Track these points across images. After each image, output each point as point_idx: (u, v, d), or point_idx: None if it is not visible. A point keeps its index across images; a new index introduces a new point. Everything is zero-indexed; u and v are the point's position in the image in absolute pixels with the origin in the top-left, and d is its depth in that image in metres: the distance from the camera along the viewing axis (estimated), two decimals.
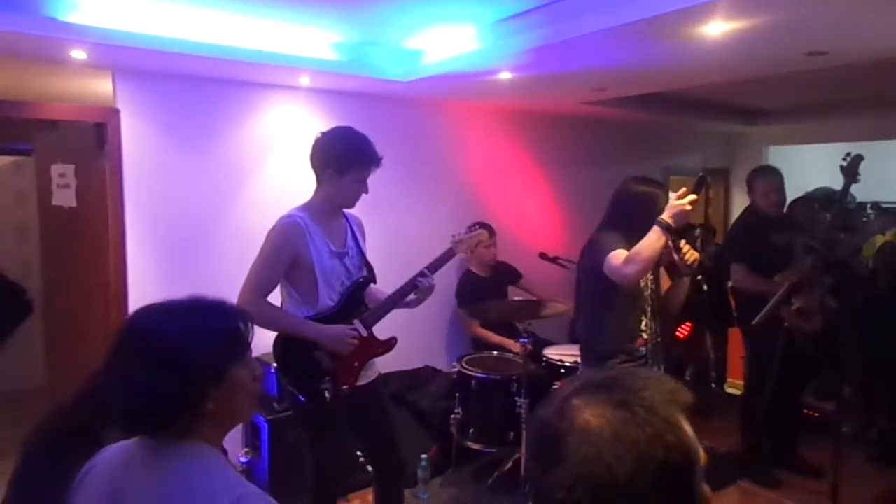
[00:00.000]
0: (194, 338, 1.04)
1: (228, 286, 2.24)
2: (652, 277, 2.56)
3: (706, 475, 0.78)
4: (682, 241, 2.41)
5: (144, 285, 3.21)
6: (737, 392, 4.91)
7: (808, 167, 5.14)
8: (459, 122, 4.43)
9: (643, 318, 2.54)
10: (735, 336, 4.84)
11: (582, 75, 3.35)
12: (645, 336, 2.53)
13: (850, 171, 3.09)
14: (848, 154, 3.10)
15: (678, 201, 2.31)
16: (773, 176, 3.58)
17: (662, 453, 0.71)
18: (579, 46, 2.69)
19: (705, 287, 2.64)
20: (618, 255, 2.34)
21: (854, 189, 4.10)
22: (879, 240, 4.46)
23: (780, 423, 3.64)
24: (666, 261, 2.50)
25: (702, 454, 0.77)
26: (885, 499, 3.37)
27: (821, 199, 4.03)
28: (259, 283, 2.25)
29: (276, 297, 2.38)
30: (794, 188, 4.42)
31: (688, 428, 0.76)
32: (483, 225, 3.73)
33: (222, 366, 1.06)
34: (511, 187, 4.73)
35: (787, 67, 3.11)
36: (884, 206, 4.57)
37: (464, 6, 2.74)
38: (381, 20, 2.95)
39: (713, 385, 4.84)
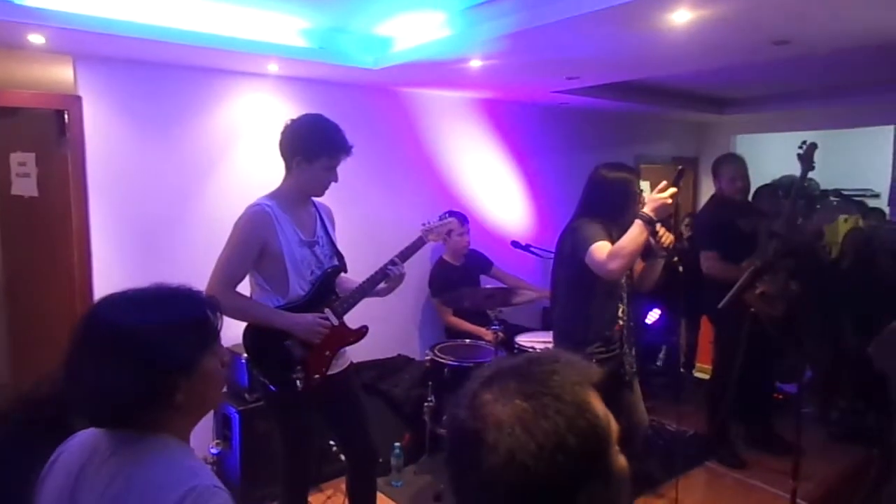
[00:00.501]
0: (163, 328, 1.01)
1: (197, 276, 2.18)
2: None
3: (675, 455, 0.78)
4: (658, 224, 2.46)
5: (110, 276, 3.15)
6: (705, 376, 5.02)
7: (774, 156, 5.24)
8: (430, 111, 4.41)
9: (620, 304, 2.58)
10: (706, 321, 4.95)
11: (553, 63, 3.36)
12: (621, 322, 2.57)
13: (807, 158, 3.17)
14: (804, 142, 3.18)
15: (659, 195, 2.33)
16: (738, 163, 3.65)
17: (575, 442, 0.72)
18: (549, 34, 2.70)
19: (681, 269, 2.67)
20: (601, 249, 2.36)
21: (819, 177, 4.20)
22: (843, 227, 4.59)
23: (750, 405, 3.73)
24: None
25: (614, 427, 0.78)
26: (846, 476, 3.48)
27: (785, 187, 4.11)
28: (227, 273, 2.22)
29: (245, 288, 2.35)
30: (761, 176, 4.52)
31: (598, 405, 0.77)
32: (453, 213, 3.74)
33: (192, 357, 1.03)
34: (483, 175, 4.74)
35: (752, 56, 3.16)
36: (845, 193, 4.68)
37: None
38: (350, 6, 2.91)
39: (682, 370, 4.93)
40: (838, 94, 4.76)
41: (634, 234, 2.29)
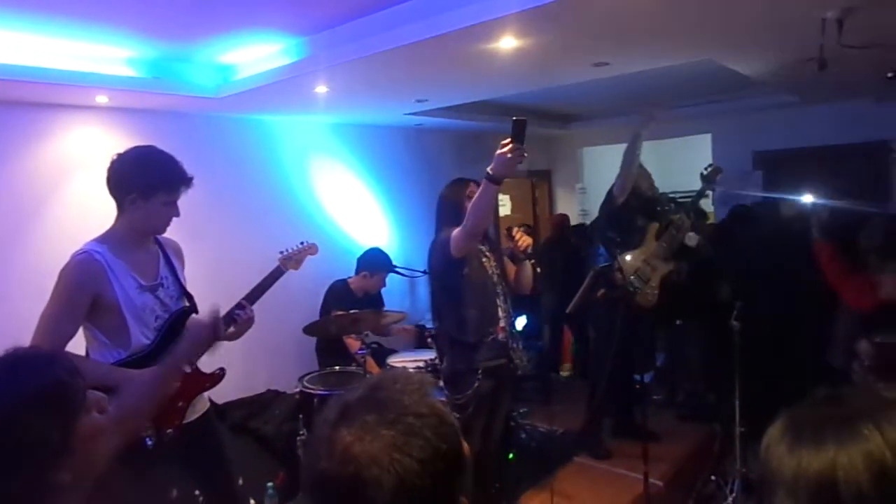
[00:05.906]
0: (9, 420, 0.84)
1: (23, 341, 1.99)
2: (496, 264, 2.74)
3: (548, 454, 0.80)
4: (515, 229, 2.63)
5: None
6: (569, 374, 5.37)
7: (615, 164, 5.65)
8: (283, 137, 4.33)
9: (498, 302, 2.68)
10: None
11: (398, 87, 3.44)
12: (502, 323, 2.67)
13: (709, 179, 3.73)
14: (710, 165, 3.78)
15: (498, 150, 2.30)
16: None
17: (446, 445, 0.76)
18: (386, 60, 2.76)
19: (538, 270, 2.77)
20: (457, 229, 2.51)
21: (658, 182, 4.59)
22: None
23: (616, 398, 3.97)
24: (508, 251, 2.73)
25: (466, 449, 0.82)
26: (693, 453, 3.83)
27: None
28: (53, 331, 1.99)
29: (79, 343, 2.16)
30: (605, 184, 4.88)
31: (444, 407, 0.81)
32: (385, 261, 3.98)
33: (62, 432, 0.87)
34: (341, 200, 4.72)
35: (578, 77, 3.44)
36: (677, 197, 5.14)
37: (276, 19, 2.69)
38: (186, 34, 2.80)
39: (551, 372, 5.18)
40: (664, 107, 5.27)
41: (480, 191, 2.40)
